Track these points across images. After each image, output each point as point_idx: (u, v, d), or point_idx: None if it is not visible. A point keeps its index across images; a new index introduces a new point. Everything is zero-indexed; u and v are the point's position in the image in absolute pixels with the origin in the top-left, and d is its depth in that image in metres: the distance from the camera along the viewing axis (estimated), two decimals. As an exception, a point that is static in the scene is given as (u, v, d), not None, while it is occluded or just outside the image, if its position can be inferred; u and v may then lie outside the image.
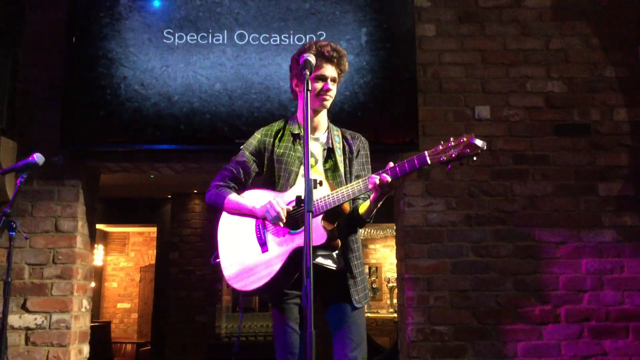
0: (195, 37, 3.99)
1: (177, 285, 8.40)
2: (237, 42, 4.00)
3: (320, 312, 2.17)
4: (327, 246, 2.31)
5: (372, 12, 4.04)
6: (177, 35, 3.99)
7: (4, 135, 3.81)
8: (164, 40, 3.98)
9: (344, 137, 2.56)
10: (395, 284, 9.60)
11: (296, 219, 2.32)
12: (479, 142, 2.13)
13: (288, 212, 2.29)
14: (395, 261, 4.32)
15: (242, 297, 2.64)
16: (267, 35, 4.00)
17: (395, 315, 9.24)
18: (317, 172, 2.44)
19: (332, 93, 2.44)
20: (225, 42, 3.99)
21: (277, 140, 2.52)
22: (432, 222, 3.91)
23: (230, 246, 2.47)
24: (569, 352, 3.76)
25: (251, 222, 2.43)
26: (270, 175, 2.49)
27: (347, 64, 2.47)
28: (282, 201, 2.33)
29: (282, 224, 2.28)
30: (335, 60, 2.41)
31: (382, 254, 11.83)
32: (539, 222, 3.91)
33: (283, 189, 2.43)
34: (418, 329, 3.78)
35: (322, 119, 2.51)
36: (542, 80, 4.09)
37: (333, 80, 2.43)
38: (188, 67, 3.95)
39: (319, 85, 2.40)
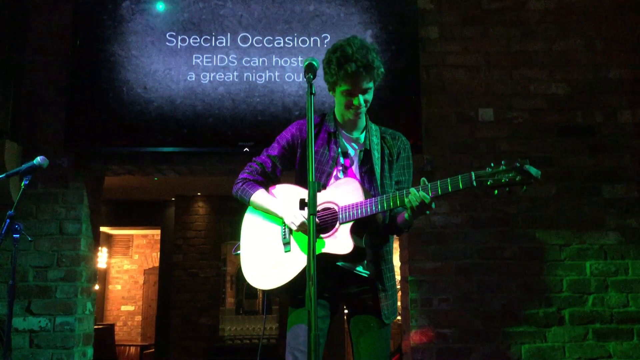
0: (198, 40, 3.99)
1: (181, 288, 8.40)
2: (241, 44, 4.00)
3: (337, 321, 2.10)
4: (354, 256, 2.19)
5: (377, 14, 4.04)
6: (180, 38, 3.99)
7: (9, 139, 3.82)
8: (167, 44, 3.98)
9: (383, 138, 2.41)
10: (399, 287, 9.57)
11: (324, 223, 2.24)
12: (532, 171, 1.96)
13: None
14: (399, 263, 4.31)
15: (265, 295, 2.52)
16: (271, 38, 4.01)
17: (399, 317, 9.22)
18: (353, 175, 2.33)
19: (366, 104, 2.30)
20: (229, 44, 3.99)
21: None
22: (436, 224, 3.91)
23: (253, 241, 2.39)
24: (573, 354, 3.75)
25: (278, 219, 2.33)
26: (302, 173, 2.38)
27: (380, 69, 2.27)
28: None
29: (305, 231, 2.19)
30: (364, 75, 2.22)
31: (386, 256, 11.82)
32: (543, 224, 3.90)
33: None
34: (422, 331, 3.77)
35: (360, 117, 2.36)
36: (545, 82, 4.09)
37: (363, 92, 2.26)
38: (191, 70, 3.95)
39: (347, 99, 2.28)
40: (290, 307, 2.35)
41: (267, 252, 2.32)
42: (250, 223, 2.43)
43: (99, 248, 9.81)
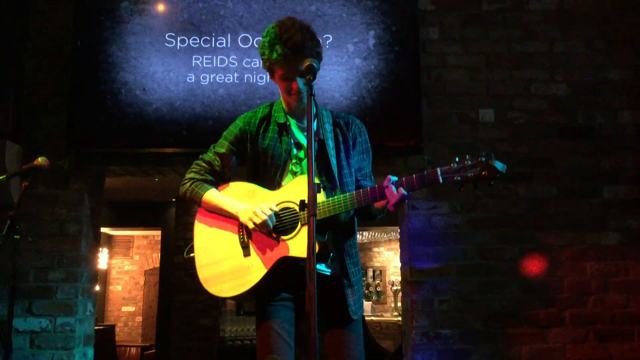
0: (198, 41, 3.98)
1: (182, 289, 8.39)
2: (241, 45, 4.00)
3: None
4: (320, 256, 2.11)
5: (379, 15, 4.02)
6: (179, 39, 3.99)
7: (10, 139, 3.82)
8: (166, 44, 3.98)
9: (336, 125, 2.28)
10: (399, 287, 9.57)
11: (284, 225, 2.12)
12: (498, 165, 1.89)
13: (275, 216, 2.10)
14: (399, 264, 4.31)
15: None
16: (271, 39, 4.00)
17: (399, 318, 9.21)
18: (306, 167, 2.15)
19: (304, 87, 2.11)
20: (229, 45, 3.99)
21: (261, 130, 2.26)
22: (437, 225, 3.91)
23: (208, 244, 2.24)
24: (574, 355, 3.74)
25: (234, 220, 2.20)
26: (255, 168, 2.26)
27: (316, 48, 2.14)
28: (268, 205, 2.12)
29: (266, 232, 2.11)
30: (293, 54, 2.09)
31: (386, 257, 11.82)
32: (543, 224, 3.90)
33: (270, 185, 2.20)
34: (422, 332, 3.77)
35: (303, 102, 2.21)
36: (546, 83, 4.09)
37: (302, 74, 2.06)
38: (190, 72, 3.95)
39: (286, 84, 2.17)
40: (256, 308, 2.21)
41: (225, 257, 2.19)
42: (204, 224, 2.28)
43: (100, 249, 9.81)
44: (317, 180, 2.07)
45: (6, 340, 2.87)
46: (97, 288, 4.27)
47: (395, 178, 2.04)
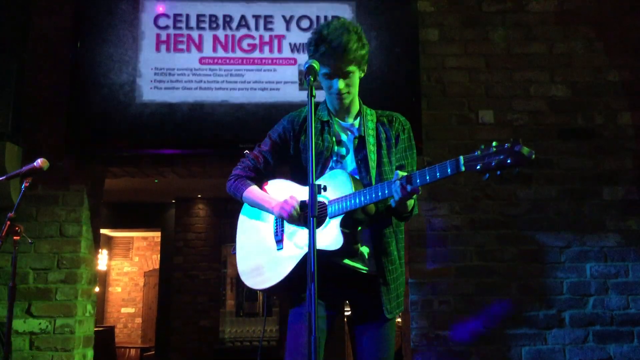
0: (199, 43, 3.99)
1: (181, 290, 8.40)
2: (244, 47, 4.00)
3: (339, 319, 2.04)
4: (346, 251, 2.08)
5: (380, 17, 4.04)
6: (179, 40, 3.99)
7: (9, 141, 3.82)
8: (166, 46, 3.98)
9: (379, 122, 2.31)
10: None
11: (317, 217, 2.12)
12: (525, 151, 1.73)
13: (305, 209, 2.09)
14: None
15: (265, 296, 2.49)
16: (271, 40, 4.01)
17: (399, 319, 9.22)
18: (350, 164, 2.24)
19: (348, 89, 2.20)
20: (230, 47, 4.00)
21: (304, 129, 2.31)
22: (436, 226, 3.91)
23: (247, 239, 2.34)
24: (573, 356, 3.74)
25: (271, 216, 2.27)
26: (297, 166, 2.30)
27: (361, 51, 2.17)
28: (300, 199, 2.14)
29: (296, 224, 2.14)
30: (337, 54, 2.13)
31: (386, 259, 11.81)
32: (543, 226, 3.90)
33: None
34: (422, 333, 3.77)
35: (353, 102, 2.28)
36: (545, 84, 4.09)
37: (344, 75, 2.18)
38: (193, 72, 3.95)
39: (328, 83, 2.21)
40: (290, 307, 2.25)
41: (261, 250, 2.27)
42: (245, 221, 2.38)
43: (99, 250, 9.82)
44: (348, 177, 2.10)
45: (6, 342, 2.87)
46: (97, 289, 4.27)
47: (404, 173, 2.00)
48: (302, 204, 2.07)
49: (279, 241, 2.22)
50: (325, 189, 1.99)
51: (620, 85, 4.09)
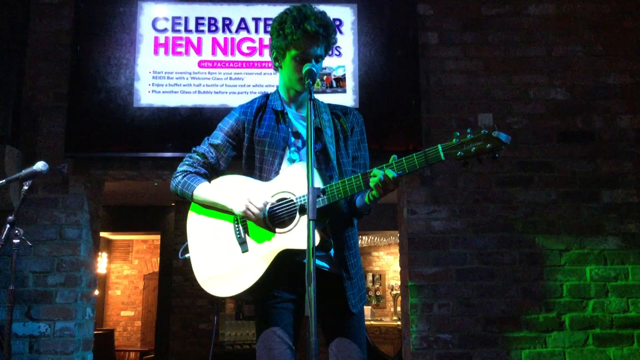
0: (199, 45, 3.99)
1: (181, 293, 8.39)
2: (244, 50, 4.01)
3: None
4: (320, 248, 2.02)
5: (381, 19, 4.05)
6: (179, 43, 3.99)
7: (9, 144, 3.82)
8: (166, 48, 3.99)
9: (334, 114, 2.23)
10: (399, 292, 9.57)
11: (281, 216, 2.03)
12: (502, 137, 1.80)
13: (271, 208, 2.02)
14: (399, 269, 4.31)
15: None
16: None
17: (399, 323, 9.21)
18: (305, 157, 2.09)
19: (318, 73, 2.11)
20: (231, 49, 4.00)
21: (258, 119, 2.19)
22: (436, 229, 3.91)
23: (204, 243, 2.14)
24: (573, 359, 3.75)
25: (228, 216, 2.11)
26: (250, 159, 2.19)
27: (334, 35, 2.13)
28: (263, 196, 2.03)
29: (263, 224, 2.01)
30: (322, 38, 2.07)
31: (386, 262, 11.81)
32: (542, 229, 3.90)
33: (266, 175, 2.13)
34: (422, 336, 3.77)
35: (306, 93, 2.10)
36: (545, 87, 4.10)
37: (318, 59, 2.10)
38: (192, 76, 3.95)
39: (300, 67, 2.06)
40: (257, 311, 2.13)
41: (222, 254, 2.10)
42: (197, 222, 2.19)
43: (99, 253, 9.80)
44: (317, 177, 2.01)
45: (5, 345, 2.86)
46: (96, 292, 4.26)
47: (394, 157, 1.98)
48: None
49: (243, 242, 2.08)
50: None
51: (620, 88, 4.10)
